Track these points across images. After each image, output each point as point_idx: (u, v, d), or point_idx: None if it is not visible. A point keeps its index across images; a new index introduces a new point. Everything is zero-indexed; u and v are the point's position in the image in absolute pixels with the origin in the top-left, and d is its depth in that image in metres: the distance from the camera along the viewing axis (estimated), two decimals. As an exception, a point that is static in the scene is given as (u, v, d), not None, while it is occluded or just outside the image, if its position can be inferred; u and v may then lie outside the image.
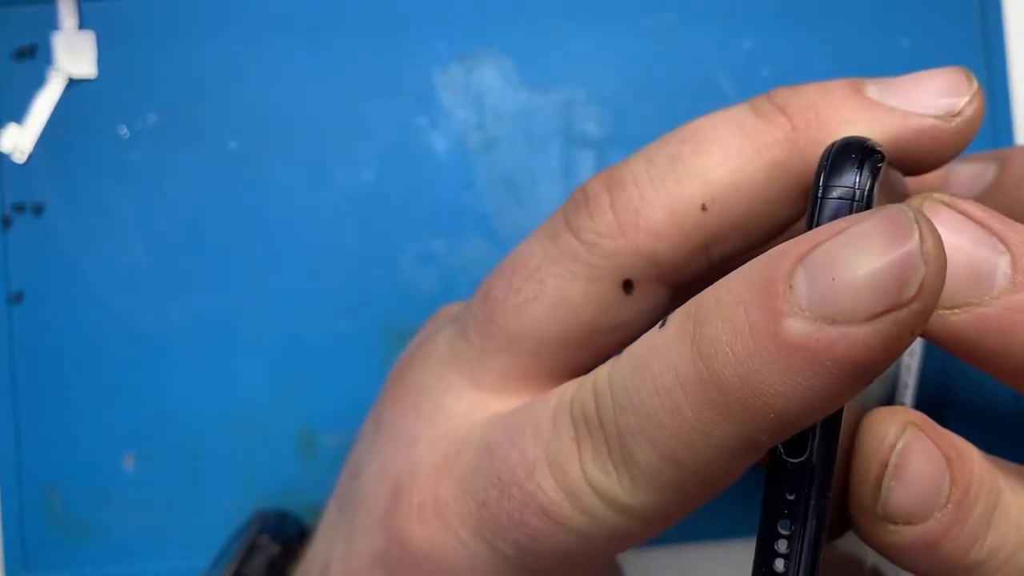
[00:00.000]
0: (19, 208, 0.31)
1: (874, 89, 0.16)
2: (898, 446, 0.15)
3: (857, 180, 0.14)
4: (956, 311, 0.14)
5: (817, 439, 0.14)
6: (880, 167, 0.14)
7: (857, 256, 0.12)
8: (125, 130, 0.32)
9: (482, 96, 0.33)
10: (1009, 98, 0.32)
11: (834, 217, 0.14)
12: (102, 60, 0.32)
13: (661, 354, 0.14)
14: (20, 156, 0.32)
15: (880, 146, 0.15)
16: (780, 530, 0.14)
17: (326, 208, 0.32)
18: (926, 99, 0.16)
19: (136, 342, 0.31)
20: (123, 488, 0.31)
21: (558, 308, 0.17)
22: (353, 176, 0.32)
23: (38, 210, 0.31)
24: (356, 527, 0.20)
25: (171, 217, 0.31)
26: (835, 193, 0.14)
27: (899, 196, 0.16)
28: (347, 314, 0.32)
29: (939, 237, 0.12)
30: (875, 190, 0.14)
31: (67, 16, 0.32)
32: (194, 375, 0.31)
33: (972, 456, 0.15)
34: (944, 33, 0.33)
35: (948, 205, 0.15)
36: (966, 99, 0.16)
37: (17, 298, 0.31)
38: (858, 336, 0.12)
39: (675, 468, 0.14)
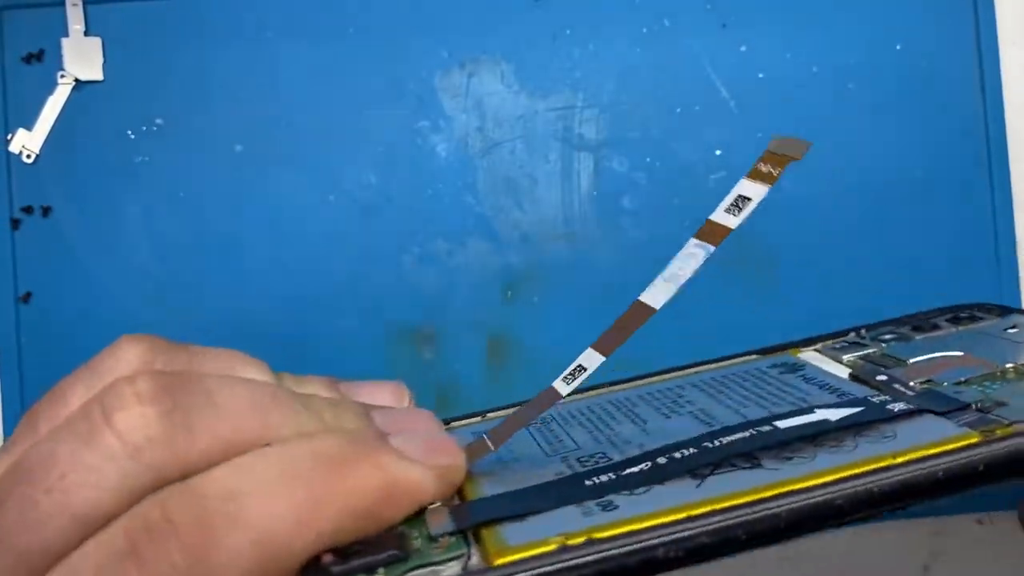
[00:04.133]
0: (27, 210, 0.32)
1: None
2: None
3: None
4: None
5: None
6: None
7: None
8: (132, 133, 0.32)
9: (482, 100, 0.33)
10: (1002, 100, 0.33)
11: None
12: (109, 65, 0.32)
13: None
14: (29, 159, 0.32)
15: None
16: None
17: (330, 210, 0.32)
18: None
19: (143, 341, 0.31)
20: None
21: None
22: (356, 179, 0.33)
23: (46, 212, 0.32)
24: None
25: (177, 219, 0.32)
26: None
27: None
28: (350, 313, 0.32)
29: None
30: None
31: (75, 22, 0.32)
32: (199, 374, 0.31)
33: None
34: (937, 37, 0.33)
35: None
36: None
37: (26, 298, 0.31)
38: None
39: None
